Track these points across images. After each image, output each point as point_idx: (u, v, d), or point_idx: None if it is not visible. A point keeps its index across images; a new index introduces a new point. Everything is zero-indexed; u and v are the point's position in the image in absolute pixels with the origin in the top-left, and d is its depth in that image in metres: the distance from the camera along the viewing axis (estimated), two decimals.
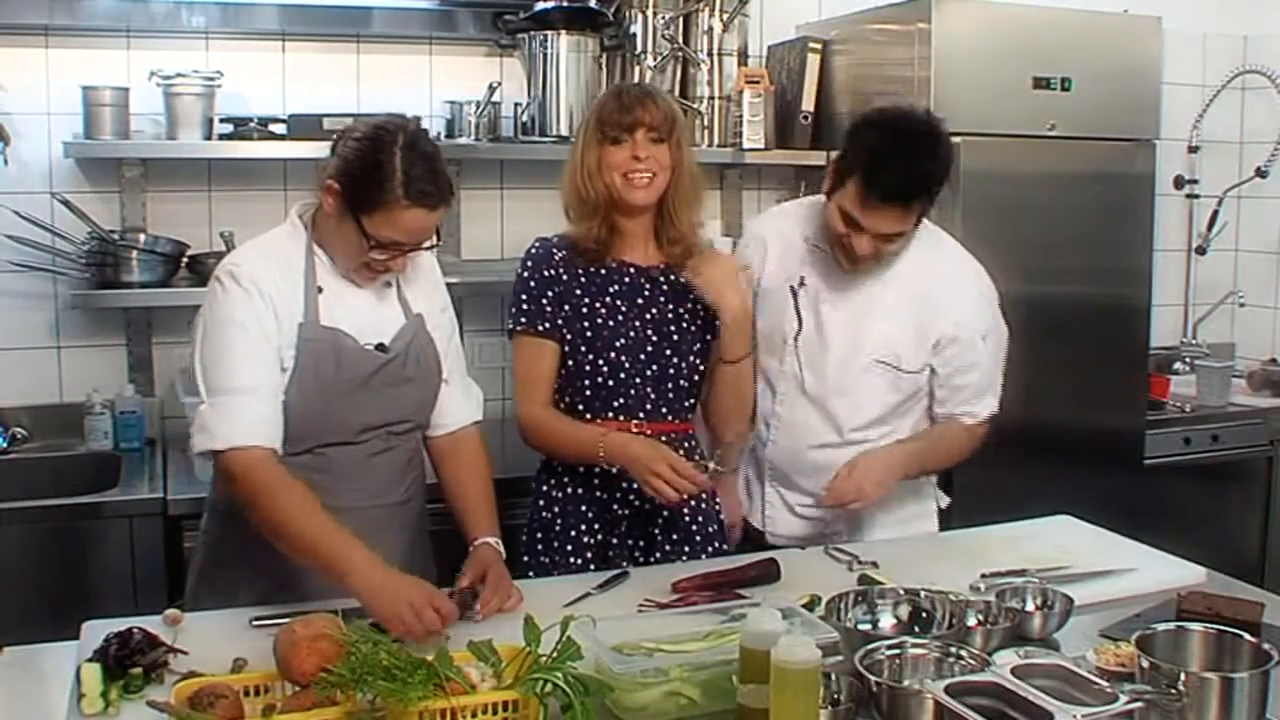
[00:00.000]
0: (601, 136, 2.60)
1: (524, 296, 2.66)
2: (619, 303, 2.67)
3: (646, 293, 2.70)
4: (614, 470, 2.63)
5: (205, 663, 1.98)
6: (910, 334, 2.73)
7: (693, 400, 2.77)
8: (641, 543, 2.70)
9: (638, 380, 2.67)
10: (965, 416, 2.79)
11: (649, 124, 2.58)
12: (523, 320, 2.66)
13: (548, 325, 2.65)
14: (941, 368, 2.75)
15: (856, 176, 2.55)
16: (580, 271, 2.66)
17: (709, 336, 2.73)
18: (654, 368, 2.68)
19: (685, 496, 2.53)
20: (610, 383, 2.66)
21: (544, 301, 2.65)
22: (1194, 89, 4.91)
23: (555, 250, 2.68)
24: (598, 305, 2.66)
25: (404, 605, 2.07)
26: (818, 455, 2.78)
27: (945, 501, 2.95)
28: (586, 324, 2.65)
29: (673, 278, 2.71)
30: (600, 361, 2.65)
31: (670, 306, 2.71)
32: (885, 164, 2.52)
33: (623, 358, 2.66)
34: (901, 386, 2.76)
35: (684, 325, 2.72)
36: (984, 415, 2.80)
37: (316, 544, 2.18)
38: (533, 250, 2.71)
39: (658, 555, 2.71)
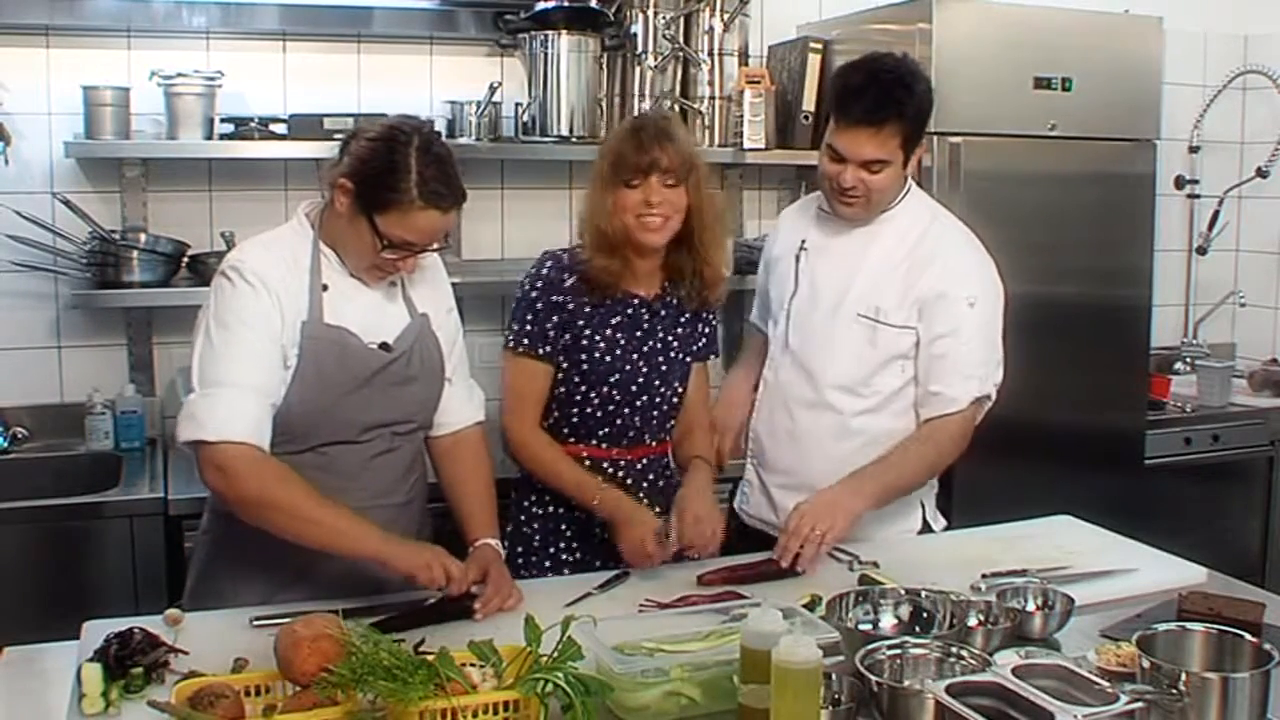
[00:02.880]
0: (615, 178, 2.56)
1: (529, 317, 2.65)
2: (619, 335, 2.67)
3: (645, 325, 2.70)
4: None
5: (206, 663, 1.98)
6: (895, 288, 2.71)
7: (672, 422, 2.80)
8: (610, 563, 2.68)
9: (626, 411, 2.69)
10: (938, 401, 2.68)
11: (665, 168, 2.55)
12: (524, 341, 2.65)
13: (548, 350, 2.65)
14: (925, 332, 2.69)
15: (833, 110, 2.66)
16: (586, 302, 2.65)
17: (689, 361, 2.78)
18: (643, 399, 2.70)
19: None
20: (599, 414, 2.68)
21: (548, 326, 2.64)
22: (1194, 89, 4.92)
23: (566, 275, 2.65)
24: (598, 339, 2.65)
25: (428, 555, 2.24)
26: (795, 419, 2.79)
27: (940, 524, 2.89)
28: (584, 356, 2.65)
29: (671, 300, 2.73)
30: (592, 394, 2.67)
31: (663, 336, 2.72)
32: (854, 88, 2.62)
33: (614, 392, 2.67)
34: (879, 342, 2.71)
35: (673, 355, 2.74)
36: (962, 401, 2.68)
37: (330, 526, 2.22)
38: (545, 270, 2.67)
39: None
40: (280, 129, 3.61)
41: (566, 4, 3.78)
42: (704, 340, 2.82)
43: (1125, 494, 3.73)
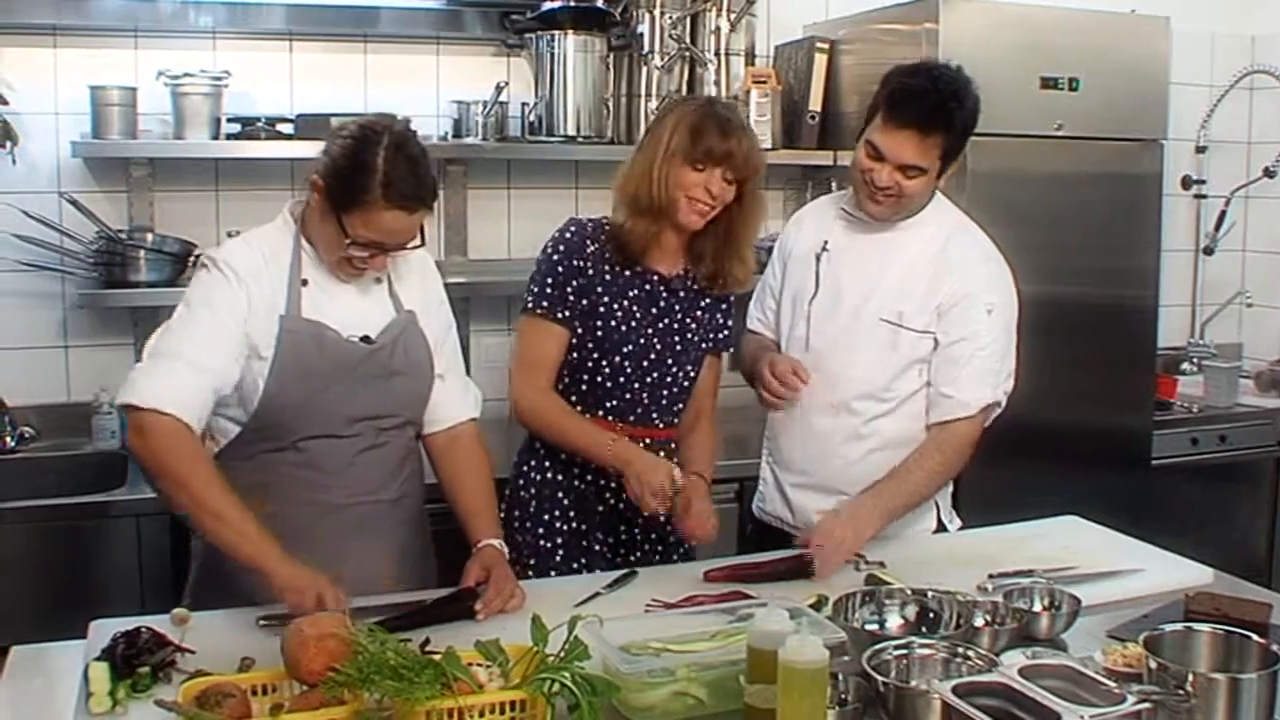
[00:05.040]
0: (687, 154, 2.56)
1: (549, 280, 2.65)
2: (635, 308, 2.68)
3: (662, 302, 2.71)
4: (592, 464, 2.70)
5: (212, 662, 1.98)
6: (918, 293, 2.71)
7: (681, 405, 2.80)
8: (612, 540, 2.75)
9: (635, 386, 2.69)
10: (951, 404, 2.69)
11: (735, 163, 2.57)
12: (543, 304, 2.66)
13: (565, 314, 2.65)
14: (943, 336, 2.69)
15: (883, 107, 2.62)
16: (607, 269, 2.66)
17: (705, 347, 2.78)
18: (653, 375, 2.71)
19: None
20: (608, 385, 2.68)
21: (567, 290, 2.64)
22: (1202, 89, 4.91)
23: (589, 241, 2.66)
24: (615, 307, 2.66)
25: (305, 576, 2.12)
26: (813, 420, 2.78)
27: (955, 525, 2.89)
28: (599, 323, 2.65)
29: (692, 286, 2.73)
30: (604, 363, 2.67)
31: (680, 317, 2.73)
32: (908, 90, 2.60)
33: (626, 363, 2.67)
34: (900, 346, 2.70)
35: (689, 336, 2.74)
36: (973, 406, 2.69)
37: (226, 520, 2.18)
38: (568, 234, 2.68)
39: (636, 555, 2.76)
40: (287, 129, 3.62)
41: (573, 4, 3.78)
42: (725, 331, 2.82)
43: (1132, 494, 3.73)
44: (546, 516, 2.73)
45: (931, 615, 2.13)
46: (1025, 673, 1.73)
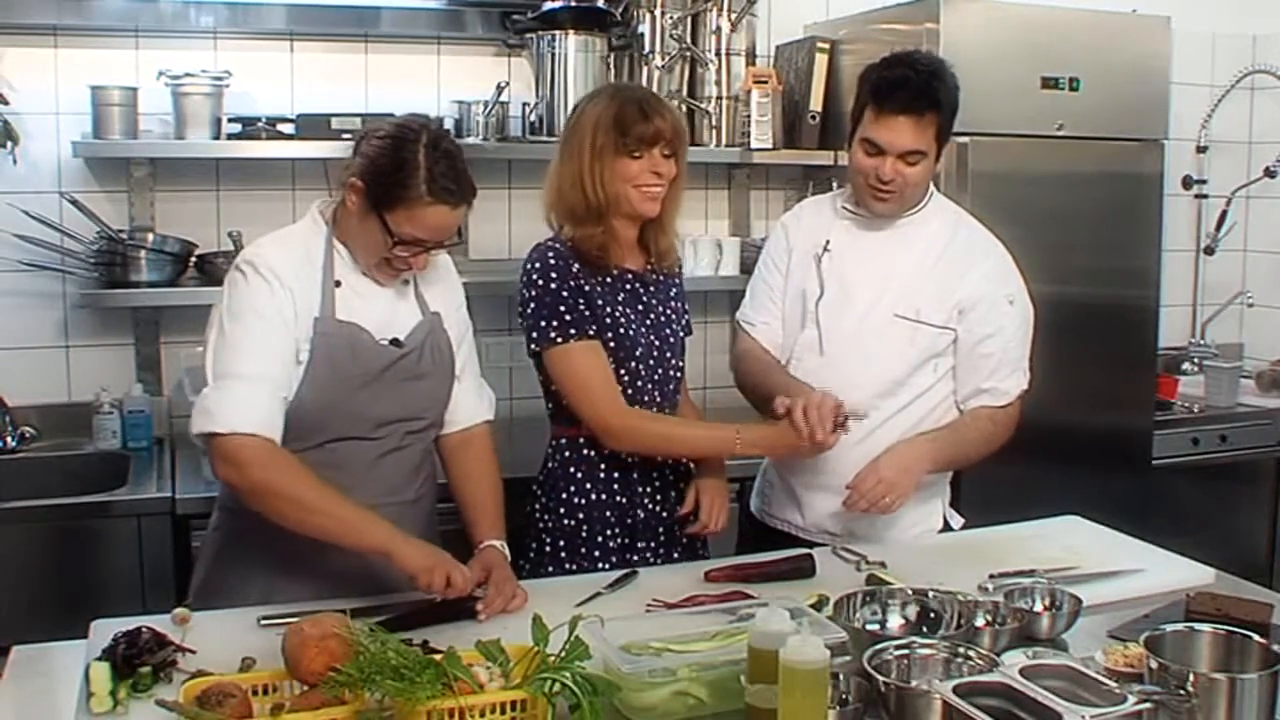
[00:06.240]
0: (621, 147, 2.56)
1: (563, 308, 2.59)
2: (629, 310, 2.67)
3: (644, 298, 2.72)
4: (633, 473, 2.70)
5: (213, 662, 1.98)
6: (932, 290, 2.73)
7: (679, 396, 2.83)
8: (654, 544, 2.73)
9: (650, 385, 2.70)
10: (990, 395, 2.75)
11: (667, 138, 2.58)
12: (571, 330, 2.58)
13: (595, 328, 2.61)
14: (966, 335, 2.73)
15: (870, 102, 2.66)
16: (596, 280, 2.63)
17: (682, 335, 2.81)
18: (659, 372, 2.71)
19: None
20: (629, 391, 2.67)
21: (582, 308, 2.60)
22: (1203, 89, 4.91)
23: (572, 260, 2.61)
24: (617, 314, 2.64)
25: (435, 559, 2.20)
26: None
27: (958, 522, 2.90)
28: (611, 334, 2.63)
29: (659, 278, 2.75)
30: (623, 372, 2.65)
31: (661, 309, 2.74)
32: (894, 80, 2.64)
33: (641, 367, 2.67)
34: (918, 341, 2.72)
35: (673, 327, 2.77)
36: (1013, 394, 2.77)
37: (339, 518, 2.22)
38: (550, 259, 2.61)
39: (677, 553, 2.75)
40: (287, 129, 3.62)
41: (574, 4, 3.78)
42: (687, 314, 2.85)
43: (1133, 494, 3.73)
44: (600, 539, 2.69)
45: (932, 615, 2.13)
46: (1026, 673, 1.73)
